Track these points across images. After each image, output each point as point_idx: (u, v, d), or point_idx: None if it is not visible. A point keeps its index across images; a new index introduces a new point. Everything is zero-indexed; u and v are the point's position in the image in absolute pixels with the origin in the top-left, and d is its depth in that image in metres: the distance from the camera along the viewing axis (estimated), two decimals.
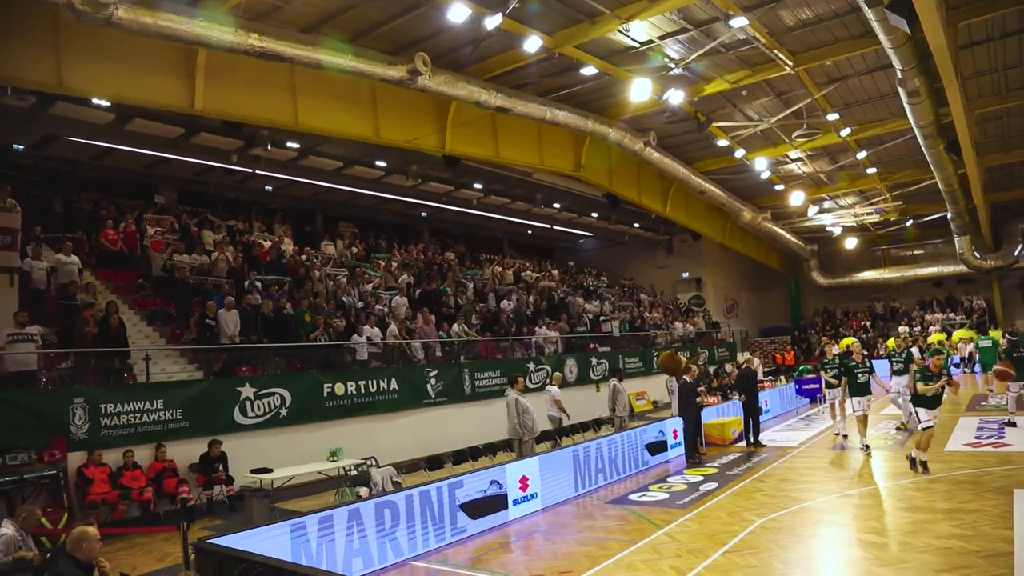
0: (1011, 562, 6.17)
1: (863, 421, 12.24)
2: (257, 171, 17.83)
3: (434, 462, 11.10)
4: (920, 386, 10.01)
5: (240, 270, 15.50)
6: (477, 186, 22.85)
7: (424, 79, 13.57)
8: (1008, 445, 11.49)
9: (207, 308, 13.13)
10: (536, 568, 7.12)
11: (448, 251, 25.39)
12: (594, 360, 21.43)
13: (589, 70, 15.78)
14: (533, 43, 13.53)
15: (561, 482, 10.23)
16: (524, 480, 9.52)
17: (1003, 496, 8.39)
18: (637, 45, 15.26)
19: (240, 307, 13.63)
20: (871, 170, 24.06)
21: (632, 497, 10.11)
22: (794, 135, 19.75)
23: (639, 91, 15.92)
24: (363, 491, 10.34)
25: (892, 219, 29.75)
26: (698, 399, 13.23)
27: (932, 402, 10.05)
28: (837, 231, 31.96)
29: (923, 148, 19.24)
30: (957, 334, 29.01)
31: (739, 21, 13.39)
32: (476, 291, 21.46)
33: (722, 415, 15.09)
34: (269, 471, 10.10)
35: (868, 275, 35.13)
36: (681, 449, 13.16)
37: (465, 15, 11.96)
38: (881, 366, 15.00)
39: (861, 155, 21.99)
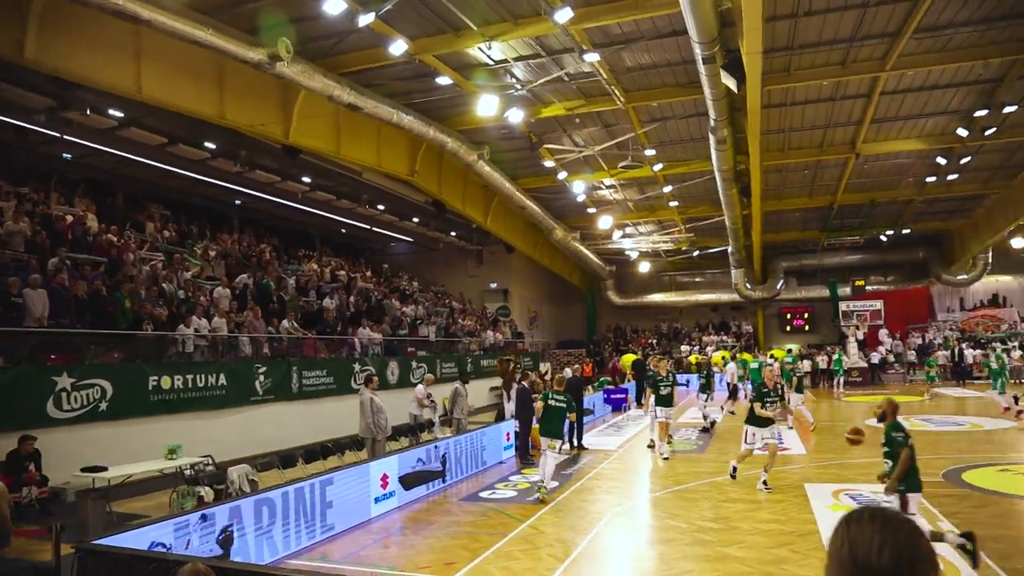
0: (819, 538, 7.58)
1: (665, 428, 13.72)
2: (65, 136, 15.89)
3: (287, 460, 10.74)
4: (758, 407, 10.28)
5: (42, 246, 13.76)
6: (306, 180, 22.18)
7: (283, 66, 13.10)
8: (787, 449, 13.61)
9: (8, 284, 11.60)
10: (420, 561, 7.31)
11: (263, 243, 24.24)
12: (414, 364, 21.63)
13: (443, 80, 16.17)
14: (399, 46, 13.59)
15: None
16: (384, 478, 9.61)
17: (797, 488, 10.12)
18: (491, 63, 15.91)
19: (48, 286, 12.16)
20: (673, 203, 26.84)
21: (483, 495, 10.56)
22: (620, 165, 21.53)
23: (486, 107, 16.51)
24: (206, 492, 9.78)
25: (683, 248, 33.27)
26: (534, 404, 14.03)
27: (763, 422, 10.29)
28: (634, 255, 35.01)
29: (719, 189, 21.94)
30: (715, 356, 32.92)
31: (592, 56, 14.54)
32: (298, 287, 20.77)
33: None
34: (104, 469, 9.18)
35: (657, 297, 38.96)
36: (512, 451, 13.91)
37: (340, 8, 11.81)
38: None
39: (667, 189, 24.53)
